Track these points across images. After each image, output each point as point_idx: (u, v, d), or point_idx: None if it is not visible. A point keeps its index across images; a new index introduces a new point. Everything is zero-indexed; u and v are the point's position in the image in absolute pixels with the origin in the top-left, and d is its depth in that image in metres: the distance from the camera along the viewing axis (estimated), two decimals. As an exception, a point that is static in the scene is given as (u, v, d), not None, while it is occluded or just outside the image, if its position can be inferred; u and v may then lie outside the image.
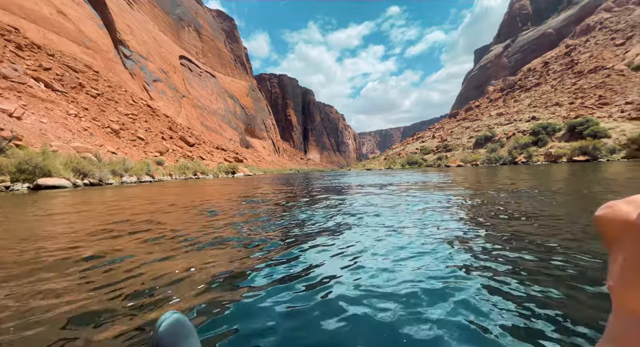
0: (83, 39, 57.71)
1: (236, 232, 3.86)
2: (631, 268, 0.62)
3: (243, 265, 2.53)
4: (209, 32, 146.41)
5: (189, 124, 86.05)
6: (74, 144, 24.46)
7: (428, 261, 2.49)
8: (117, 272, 2.43)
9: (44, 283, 2.16)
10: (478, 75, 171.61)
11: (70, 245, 3.32)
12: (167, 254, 2.91)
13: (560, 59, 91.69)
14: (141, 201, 8.80)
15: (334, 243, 3.19)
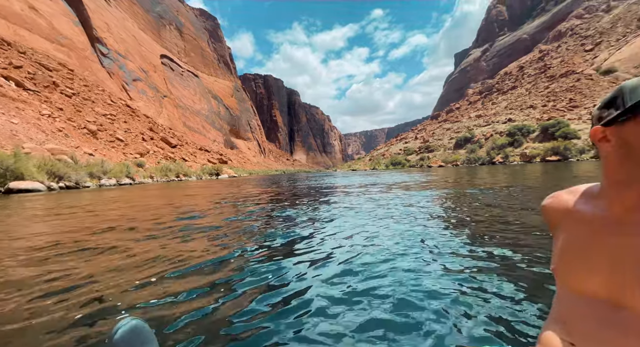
0: (57, 36, 55.29)
1: (215, 239, 3.66)
2: (570, 251, 0.68)
3: (218, 271, 2.40)
4: (191, 31, 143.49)
5: (170, 125, 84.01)
6: (48, 145, 23.49)
7: (411, 260, 2.59)
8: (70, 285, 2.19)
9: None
10: (458, 78, 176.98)
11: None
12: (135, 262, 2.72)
13: (534, 63, 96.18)
14: (121, 204, 8.68)
15: (319, 245, 3.22)
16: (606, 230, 0.64)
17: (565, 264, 0.70)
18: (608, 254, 0.61)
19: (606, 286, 0.60)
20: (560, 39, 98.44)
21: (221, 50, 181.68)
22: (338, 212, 5.39)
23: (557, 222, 0.78)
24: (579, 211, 0.71)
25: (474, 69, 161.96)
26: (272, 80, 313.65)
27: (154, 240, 3.61)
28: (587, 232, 0.67)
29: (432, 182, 12.62)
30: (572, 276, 0.67)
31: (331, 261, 2.59)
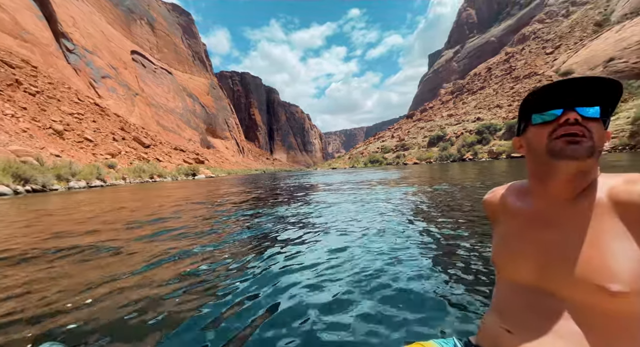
0: (20, 31, 51.81)
1: (187, 243, 3.38)
2: (505, 243, 0.75)
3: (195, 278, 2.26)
4: (163, 27, 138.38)
5: (143, 124, 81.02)
6: (12, 147, 22.42)
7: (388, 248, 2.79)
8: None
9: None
10: (432, 78, 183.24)
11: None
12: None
13: (501, 65, 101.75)
14: (89, 207, 8.88)
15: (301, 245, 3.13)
16: (533, 223, 0.69)
17: (501, 256, 0.74)
18: (536, 246, 0.66)
19: (535, 275, 0.64)
20: (524, 42, 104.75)
21: (196, 46, 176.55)
22: (316, 210, 5.70)
23: (495, 216, 0.84)
24: (512, 205, 0.76)
25: (446, 70, 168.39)
26: (249, 78, 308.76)
27: (125, 243, 4.06)
28: (518, 226, 0.73)
29: (403, 179, 13.62)
30: (507, 266, 0.72)
31: (313, 259, 2.54)
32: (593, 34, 72.26)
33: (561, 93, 0.64)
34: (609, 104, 0.63)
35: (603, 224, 0.59)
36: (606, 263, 0.55)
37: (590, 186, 0.64)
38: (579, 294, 0.58)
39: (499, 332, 0.68)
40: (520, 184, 0.80)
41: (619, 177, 0.62)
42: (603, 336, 0.54)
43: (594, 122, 0.62)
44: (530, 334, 0.61)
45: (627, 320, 0.53)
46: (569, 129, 0.61)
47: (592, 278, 0.55)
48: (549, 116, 0.64)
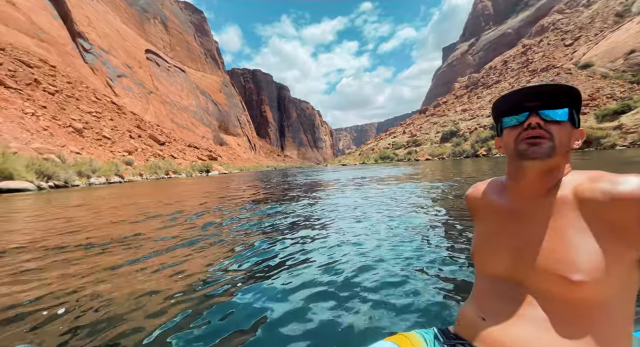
0: (37, 31, 53.63)
1: (214, 234, 3.64)
2: (483, 237, 0.79)
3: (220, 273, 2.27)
4: (176, 25, 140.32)
5: (158, 122, 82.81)
6: (34, 145, 23.37)
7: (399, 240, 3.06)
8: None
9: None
10: (446, 72, 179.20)
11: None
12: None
13: (518, 57, 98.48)
14: (113, 201, 9.18)
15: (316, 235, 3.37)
16: (508, 219, 0.73)
17: (480, 249, 0.79)
18: (509, 240, 0.71)
19: (508, 267, 0.69)
20: (543, 34, 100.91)
21: (208, 44, 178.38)
22: (322, 206, 5.92)
23: (475, 210, 0.88)
24: (492, 200, 0.81)
25: (461, 63, 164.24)
26: (261, 75, 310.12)
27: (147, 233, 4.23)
28: (496, 221, 0.77)
29: (414, 175, 13.48)
30: (484, 259, 0.77)
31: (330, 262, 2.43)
32: (614, 25, 68.97)
33: (528, 98, 0.69)
34: (574, 106, 0.68)
35: (568, 220, 0.63)
36: (569, 255, 0.60)
37: (559, 183, 0.68)
38: (544, 283, 0.63)
39: (474, 320, 0.72)
40: (500, 180, 0.84)
41: (585, 175, 0.66)
42: (566, 320, 0.59)
43: (557, 124, 0.67)
44: (500, 320, 0.66)
45: (587, 306, 0.58)
46: (531, 132, 0.66)
47: (555, 269, 0.60)
48: (516, 120, 0.70)
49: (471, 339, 0.71)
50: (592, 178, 0.64)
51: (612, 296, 0.58)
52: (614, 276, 0.57)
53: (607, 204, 0.59)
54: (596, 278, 0.56)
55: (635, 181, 0.57)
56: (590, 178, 0.64)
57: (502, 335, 0.64)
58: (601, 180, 0.62)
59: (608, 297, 0.58)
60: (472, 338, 0.71)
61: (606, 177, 0.62)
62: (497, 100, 0.75)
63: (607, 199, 0.59)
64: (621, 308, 0.59)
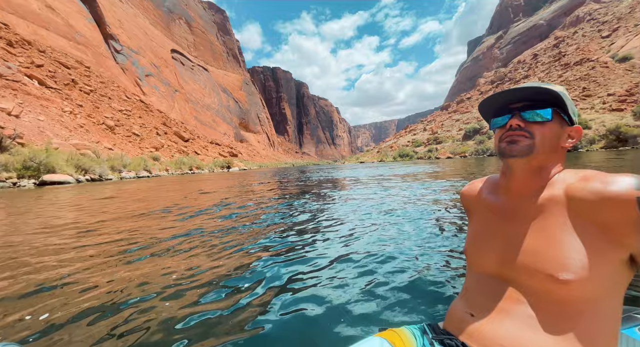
0: (73, 33, 57.22)
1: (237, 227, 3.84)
2: (476, 234, 0.81)
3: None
4: (200, 25, 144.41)
5: (182, 119, 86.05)
6: (73, 141, 25.18)
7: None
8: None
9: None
10: (471, 67, 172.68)
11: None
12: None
13: (549, 51, 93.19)
14: (150, 193, 9.88)
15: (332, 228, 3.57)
16: (500, 217, 0.74)
17: (471, 246, 0.81)
18: (500, 238, 0.72)
19: (498, 265, 0.70)
20: (577, 25, 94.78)
21: (230, 43, 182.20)
22: (335, 203, 6.14)
23: (470, 208, 0.89)
24: (485, 198, 0.81)
25: (487, 58, 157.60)
26: (280, 73, 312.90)
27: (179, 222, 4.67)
28: (488, 218, 0.78)
29: (433, 173, 13.40)
30: (475, 256, 0.78)
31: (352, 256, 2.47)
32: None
33: (512, 100, 0.72)
34: (559, 106, 0.69)
35: (557, 218, 0.64)
36: (557, 254, 0.60)
37: (551, 182, 0.69)
38: (532, 281, 0.63)
39: (463, 316, 0.74)
40: (494, 178, 0.85)
41: (577, 174, 0.66)
42: (553, 317, 0.60)
43: (540, 124, 0.68)
44: (488, 316, 0.67)
45: (574, 304, 0.59)
46: (511, 133, 0.69)
47: (543, 268, 0.61)
48: (500, 121, 0.73)
49: (459, 334, 0.72)
50: (584, 177, 0.64)
51: (599, 294, 0.59)
52: (602, 274, 0.57)
53: (598, 203, 0.59)
54: (584, 277, 0.57)
55: (626, 181, 0.57)
56: (582, 177, 0.64)
57: (489, 330, 0.65)
58: (593, 179, 0.62)
59: (595, 296, 0.58)
60: (459, 333, 0.72)
61: (598, 176, 0.62)
62: (482, 103, 0.77)
63: (597, 199, 0.59)
64: (608, 306, 0.60)
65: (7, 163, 16.14)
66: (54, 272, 2.28)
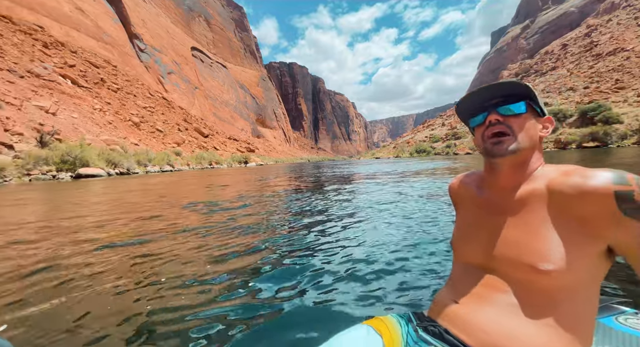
0: (101, 34, 60.08)
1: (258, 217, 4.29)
2: (462, 227, 0.86)
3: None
4: (218, 22, 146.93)
5: (202, 115, 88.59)
6: (103, 137, 26.86)
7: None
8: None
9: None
10: (494, 58, 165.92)
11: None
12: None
13: (580, 40, 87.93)
14: (186, 185, 10.66)
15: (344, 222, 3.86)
16: (484, 210, 0.79)
17: (458, 238, 0.85)
18: (484, 231, 0.76)
19: (482, 256, 0.75)
20: (612, 12, 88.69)
21: (247, 39, 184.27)
22: (346, 198, 6.55)
23: (456, 201, 0.92)
24: (471, 192, 0.85)
25: (512, 48, 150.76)
26: (297, 68, 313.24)
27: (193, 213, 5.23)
28: (473, 211, 0.82)
29: (449, 169, 13.46)
30: (461, 247, 0.82)
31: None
32: None
33: (485, 98, 0.75)
34: (531, 98, 0.72)
35: (539, 212, 0.66)
36: (538, 246, 0.63)
37: (533, 176, 0.71)
38: (515, 271, 0.66)
39: (447, 304, 0.77)
40: (480, 173, 0.87)
41: (559, 169, 0.69)
42: (533, 305, 0.63)
43: (517, 117, 0.71)
44: (472, 304, 0.70)
45: (554, 293, 0.61)
46: (492, 129, 0.71)
47: (525, 259, 0.64)
48: (480, 119, 0.75)
49: (442, 321, 0.75)
50: (565, 172, 0.66)
51: (578, 284, 0.61)
52: (581, 265, 0.60)
53: (577, 197, 0.61)
54: (563, 267, 0.59)
55: (605, 175, 0.59)
56: (563, 172, 0.67)
57: (472, 318, 0.68)
58: (573, 174, 0.64)
59: (574, 285, 0.61)
60: (443, 320, 0.75)
61: (578, 171, 0.64)
62: (458, 104, 0.80)
63: (577, 193, 0.61)
64: (586, 295, 0.63)
65: (48, 157, 17.63)
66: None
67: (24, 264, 2.34)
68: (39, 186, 11.77)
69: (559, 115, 48.91)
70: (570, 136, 42.19)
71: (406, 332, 0.78)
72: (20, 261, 2.41)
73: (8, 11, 41.42)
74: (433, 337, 0.72)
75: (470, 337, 0.66)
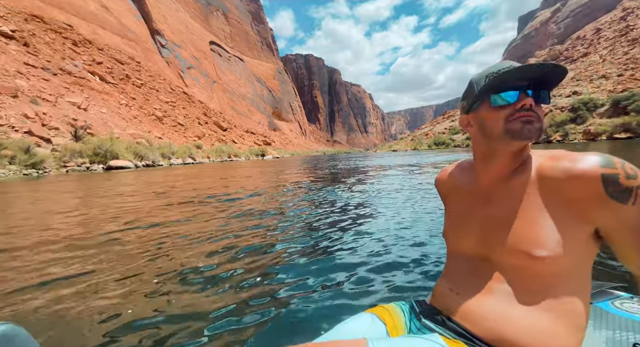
0: (125, 31, 62.29)
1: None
2: (453, 218, 0.86)
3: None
4: (236, 16, 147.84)
5: (220, 109, 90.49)
6: (129, 131, 28.32)
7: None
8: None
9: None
10: (521, 45, 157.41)
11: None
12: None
13: (615, 24, 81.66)
14: (214, 173, 11.32)
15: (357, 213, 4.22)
16: (476, 199, 0.79)
17: (450, 229, 0.86)
18: (477, 220, 0.76)
19: (476, 245, 0.75)
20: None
21: (264, 32, 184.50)
22: (359, 192, 6.72)
23: (445, 193, 0.94)
24: (460, 183, 0.86)
25: (541, 34, 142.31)
26: (313, 60, 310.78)
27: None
28: (464, 202, 0.82)
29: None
30: (454, 238, 0.83)
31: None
32: None
33: (519, 77, 0.68)
34: (550, 88, 0.70)
35: (531, 198, 0.67)
36: (531, 232, 0.64)
37: (523, 163, 0.71)
38: (509, 259, 0.67)
39: (447, 294, 0.78)
40: (467, 162, 0.87)
41: (547, 154, 0.69)
42: (529, 291, 0.64)
43: (539, 106, 0.68)
44: (471, 294, 0.71)
45: (548, 278, 0.63)
46: (525, 114, 0.66)
47: (519, 245, 0.64)
48: (508, 99, 0.68)
49: (444, 310, 0.76)
50: (554, 157, 0.67)
51: (571, 268, 0.63)
52: (573, 249, 0.61)
53: (567, 181, 0.62)
54: (557, 253, 0.60)
55: (592, 159, 0.60)
56: (552, 157, 0.67)
57: (474, 307, 0.69)
58: (562, 159, 0.65)
59: (567, 269, 0.62)
60: (445, 309, 0.76)
61: (566, 155, 0.65)
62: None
63: (566, 177, 0.62)
64: (579, 279, 0.64)
65: (82, 150, 18.96)
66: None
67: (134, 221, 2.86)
68: (76, 177, 12.82)
69: (589, 104, 46.30)
70: (601, 127, 39.95)
71: (409, 320, 0.79)
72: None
73: (40, 11, 43.77)
74: (436, 325, 0.73)
75: (472, 325, 0.68)
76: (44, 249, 2.53)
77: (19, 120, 19.17)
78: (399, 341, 0.65)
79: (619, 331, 0.79)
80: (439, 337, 0.66)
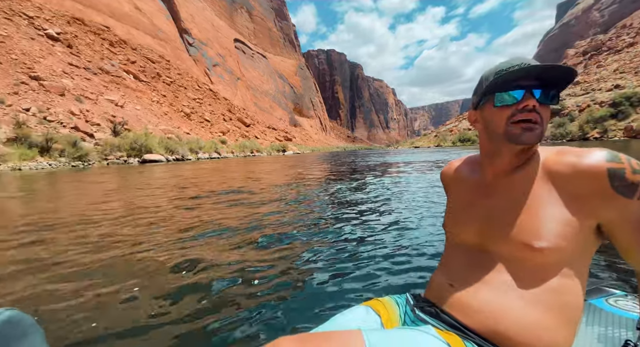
0: (156, 31, 65.30)
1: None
2: (455, 209, 0.88)
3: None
4: (259, 12, 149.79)
5: (244, 106, 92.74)
6: (161, 127, 30.00)
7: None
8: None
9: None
10: (558, 35, 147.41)
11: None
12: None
13: (669, 9, 74.20)
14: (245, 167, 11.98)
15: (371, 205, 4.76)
16: (479, 192, 0.80)
17: (451, 220, 0.86)
18: (479, 212, 0.77)
19: (476, 236, 0.75)
20: None
21: (286, 28, 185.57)
22: (378, 191, 6.93)
23: (448, 187, 0.95)
24: (464, 176, 0.87)
25: (582, 22, 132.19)
26: (335, 55, 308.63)
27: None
28: (467, 194, 0.83)
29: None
30: (455, 229, 0.83)
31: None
32: None
33: (525, 77, 0.67)
34: (560, 89, 0.69)
35: (535, 191, 0.68)
36: (533, 224, 0.65)
37: (529, 158, 0.72)
38: (509, 250, 0.68)
39: (443, 286, 0.78)
40: (474, 157, 0.89)
41: (553, 150, 0.70)
42: (525, 282, 0.65)
43: (546, 107, 0.68)
44: (468, 286, 0.72)
45: (546, 270, 0.64)
46: (527, 115, 0.66)
47: (519, 236, 0.66)
48: (511, 99, 0.68)
49: (440, 303, 0.76)
50: (560, 152, 0.67)
51: (570, 261, 0.64)
52: (573, 243, 0.62)
53: (572, 176, 0.63)
54: (557, 245, 0.61)
55: (599, 154, 0.61)
56: (558, 152, 0.68)
57: (470, 299, 0.69)
58: (567, 154, 0.65)
59: (566, 263, 0.63)
60: (440, 302, 0.76)
61: (572, 151, 0.65)
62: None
63: (571, 172, 0.63)
64: (577, 272, 0.64)
65: (120, 145, 20.50)
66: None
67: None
68: (116, 169, 14.00)
69: (633, 99, 42.87)
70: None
71: (404, 312, 0.80)
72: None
73: (80, 13, 46.90)
74: (429, 317, 0.74)
75: (466, 317, 0.68)
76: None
77: (66, 117, 21.01)
78: (392, 332, 0.66)
79: (612, 328, 0.80)
80: (432, 329, 0.66)
